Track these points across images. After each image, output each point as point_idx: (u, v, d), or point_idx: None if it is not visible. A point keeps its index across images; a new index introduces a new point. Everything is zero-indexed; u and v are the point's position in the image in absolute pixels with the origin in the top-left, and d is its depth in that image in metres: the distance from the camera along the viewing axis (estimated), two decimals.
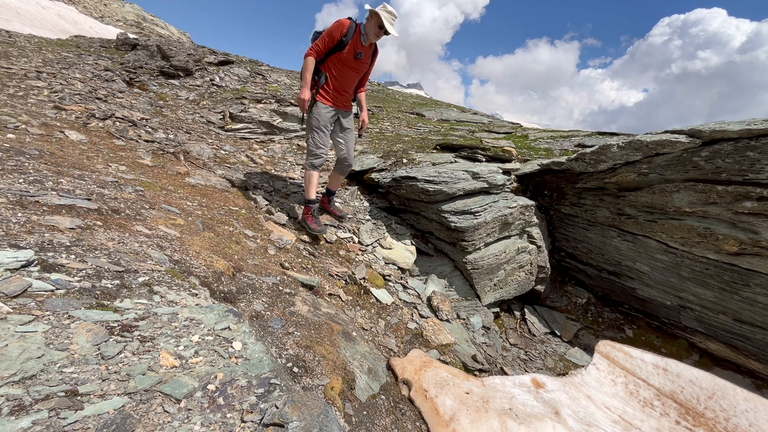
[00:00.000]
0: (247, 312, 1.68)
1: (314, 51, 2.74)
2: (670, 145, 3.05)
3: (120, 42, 8.49)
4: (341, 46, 2.72)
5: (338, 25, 2.69)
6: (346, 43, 2.71)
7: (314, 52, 2.75)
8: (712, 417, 2.29)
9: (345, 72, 2.87)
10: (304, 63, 2.76)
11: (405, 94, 13.96)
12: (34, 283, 1.16)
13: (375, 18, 2.65)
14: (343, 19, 2.70)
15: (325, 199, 3.46)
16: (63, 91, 4.48)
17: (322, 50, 2.75)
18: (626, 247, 3.92)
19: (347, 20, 2.70)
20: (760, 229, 2.83)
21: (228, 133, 5.32)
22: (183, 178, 3.21)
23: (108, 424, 0.85)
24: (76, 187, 2.11)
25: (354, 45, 2.75)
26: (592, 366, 2.68)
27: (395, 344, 2.42)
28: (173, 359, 1.11)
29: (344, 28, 2.68)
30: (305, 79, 2.76)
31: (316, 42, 2.74)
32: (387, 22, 2.62)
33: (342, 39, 2.69)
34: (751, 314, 3.18)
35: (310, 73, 2.76)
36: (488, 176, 3.71)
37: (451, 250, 3.75)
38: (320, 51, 2.75)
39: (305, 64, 2.76)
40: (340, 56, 2.78)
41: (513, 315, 4.10)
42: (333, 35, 2.69)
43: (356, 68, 2.90)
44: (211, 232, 2.37)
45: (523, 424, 1.86)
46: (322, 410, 1.20)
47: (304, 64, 2.76)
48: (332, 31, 2.69)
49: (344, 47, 2.73)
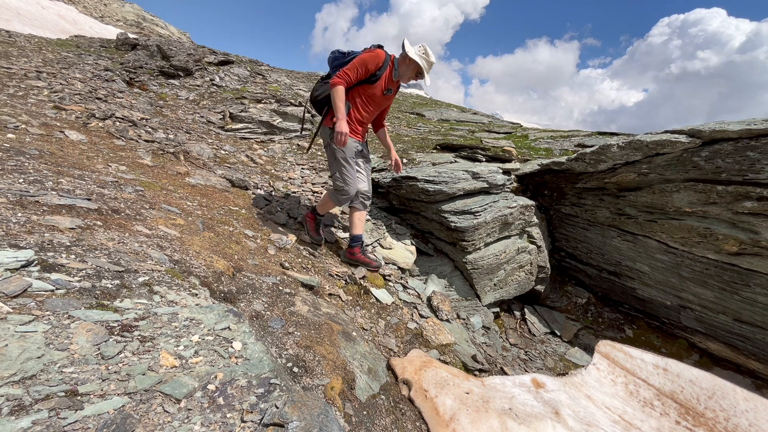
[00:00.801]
0: (247, 312, 1.68)
1: (344, 80, 2.44)
2: (670, 145, 3.05)
3: (120, 42, 8.50)
4: (372, 79, 2.51)
5: (374, 56, 2.46)
6: (378, 77, 2.50)
7: (344, 81, 2.44)
8: (712, 417, 2.29)
9: (370, 105, 2.68)
10: (335, 92, 2.43)
11: (405, 94, 13.96)
12: (34, 283, 1.16)
13: (415, 66, 2.49)
14: (378, 51, 2.48)
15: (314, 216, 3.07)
16: (63, 91, 4.48)
17: (352, 80, 2.47)
18: (626, 247, 3.92)
19: (382, 52, 2.49)
20: (760, 229, 2.83)
21: (228, 133, 5.32)
22: (183, 178, 3.21)
23: (108, 424, 0.85)
24: (76, 187, 2.11)
25: (385, 80, 2.56)
26: (592, 366, 2.68)
27: (395, 344, 2.42)
28: (173, 359, 1.11)
29: (379, 61, 2.47)
30: (340, 110, 2.44)
31: (346, 70, 2.44)
32: (426, 72, 2.48)
33: (375, 72, 2.48)
34: (751, 314, 3.18)
35: (344, 104, 2.46)
36: (488, 176, 3.71)
37: (451, 250, 3.75)
38: (350, 81, 2.47)
39: (337, 94, 2.43)
40: (368, 89, 2.57)
41: (513, 315, 4.10)
42: (368, 67, 2.46)
43: (381, 103, 2.72)
44: (211, 232, 2.37)
45: (523, 424, 1.86)
46: (322, 410, 1.20)
47: (336, 94, 2.43)
48: (367, 62, 2.45)
49: (375, 81, 2.52)
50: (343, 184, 2.68)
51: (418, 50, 2.48)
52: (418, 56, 2.46)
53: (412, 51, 2.47)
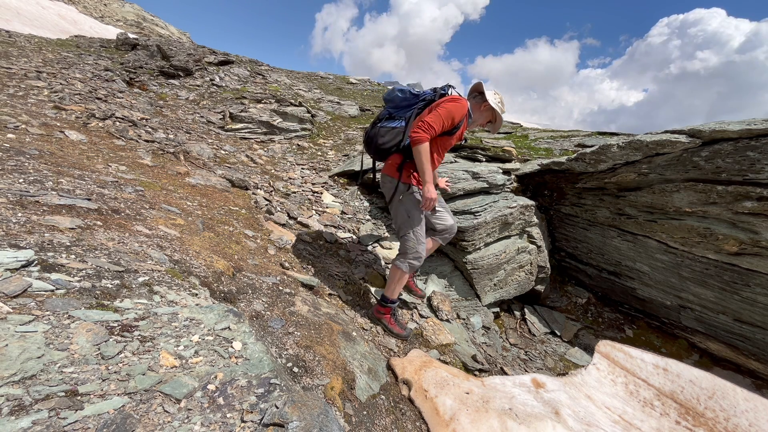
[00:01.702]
0: (247, 312, 1.68)
1: (429, 134, 2.10)
2: (670, 145, 3.05)
3: (120, 42, 8.50)
4: (453, 130, 2.25)
5: (460, 107, 2.19)
6: (459, 127, 2.26)
7: (429, 135, 2.10)
8: (712, 417, 2.29)
9: (443, 154, 2.44)
10: (422, 150, 2.08)
11: None
12: (34, 283, 1.16)
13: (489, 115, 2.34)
14: (462, 99, 2.23)
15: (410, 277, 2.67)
16: (63, 91, 4.48)
17: (436, 134, 2.15)
18: (626, 247, 3.92)
19: (466, 101, 2.23)
20: (760, 229, 2.83)
21: (228, 133, 5.32)
22: (183, 178, 3.21)
23: (108, 424, 0.85)
24: (76, 187, 2.11)
25: (463, 129, 2.34)
26: (592, 366, 2.68)
27: (395, 344, 2.42)
28: (173, 359, 1.11)
29: (464, 111, 2.22)
30: (428, 173, 2.13)
31: (431, 124, 2.09)
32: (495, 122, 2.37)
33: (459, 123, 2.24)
34: (751, 314, 3.18)
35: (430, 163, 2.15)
36: (488, 176, 3.71)
37: (451, 250, 3.75)
38: (434, 136, 2.15)
39: (424, 153, 2.08)
40: (446, 140, 2.31)
41: (513, 315, 4.10)
42: (454, 119, 2.17)
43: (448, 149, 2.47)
44: (211, 232, 2.37)
45: (523, 424, 1.86)
46: (322, 410, 1.20)
47: (423, 153, 2.08)
48: (454, 113, 2.16)
49: (455, 132, 2.27)
50: (417, 245, 2.38)
51: (494, 98, 2.30)
52: (498, 106, 2.28)
53: (494, 101, 2.28)
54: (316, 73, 13.22)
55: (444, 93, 2.28)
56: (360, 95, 11.07)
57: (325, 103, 8.31)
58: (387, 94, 2.43)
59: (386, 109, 2.42)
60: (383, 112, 2.43)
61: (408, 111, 2.33)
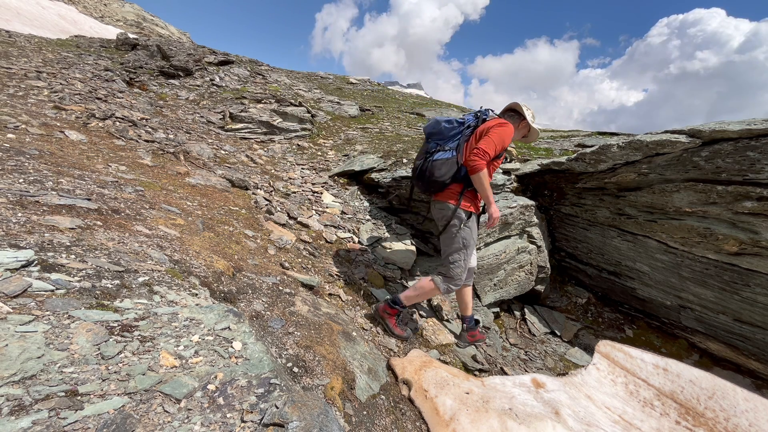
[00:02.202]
0: (247, 312, 1.68)
1: (485, 159, 2.20)
2: (670, 145, 3.05)
3: (120, 42, 8.50)
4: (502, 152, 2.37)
5: (510, 131, 2.30)
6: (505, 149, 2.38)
7: (485, 161, 2.21)
8: (712, 417, 2.29)
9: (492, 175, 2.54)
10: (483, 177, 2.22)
11: (405, 94, 13.96)
12: (34, 283, 1.16)
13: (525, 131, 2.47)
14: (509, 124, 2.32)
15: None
16: (63, 91, 4.48)
17: (491, 158, 2.24)
18: (626, 247, 3.92)
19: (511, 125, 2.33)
20: (760, 229, 2.83)
21: (228, 133, 5.32)
22: (183, 178, 3.21)
23: (108, 424, 0.85)
24: (76, 187, 2.11)
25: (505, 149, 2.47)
26: (592, 366, 2.68)
27: (395, 344, 2.42)
28: (173, 359, 1.11)
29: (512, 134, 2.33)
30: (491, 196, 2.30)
31: (486, 150, 2.19)
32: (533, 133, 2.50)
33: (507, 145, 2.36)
34: (751, 314, 3.18)
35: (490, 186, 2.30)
36: None
37: None
38: (489, 159, 2.24)
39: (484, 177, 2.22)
40: (495, 162, 2.42)
41: (513, 315, 4.10)
42: (504, 143, 2.28)
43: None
44: (211, 232, 2.37)
45: (523, 424, 1.86)
46: (322, 410, 1.20)
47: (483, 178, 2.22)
48: (505, 138, 2.26)
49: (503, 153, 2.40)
50: (460, 270, 2.44)
51: (531, 117, 2.46)
52: (536, 125, 2.46)
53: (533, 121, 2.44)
54: (316, 73, 13.23)
55: (485, 117, 2.38)
56: (360, 95, 11.07)
57: (325, 103, 8.32)
58: (431, 127, 2.47)
59: (432, 141, 2.46)
60: (430, 145, 2.46)
61: (454, 141, 2.40)
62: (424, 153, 2.48)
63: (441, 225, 2.48)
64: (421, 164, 2.46)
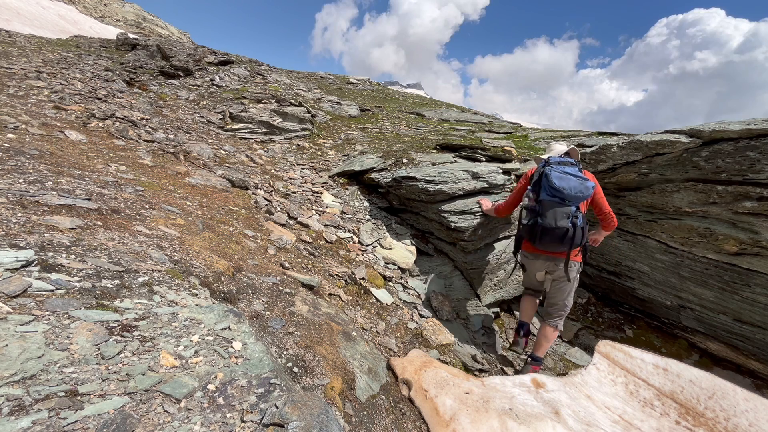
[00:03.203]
0: (247, 312, 1.68)
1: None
2: (670, 145, 3.05)
3: (120, 42, 8.49)
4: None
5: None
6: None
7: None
8: (712, 417, 2.29)
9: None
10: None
11: (405, 94, 13.96)
12: (34, 283, 1.16)
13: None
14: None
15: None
16: (63, 91, 4.48)
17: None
18: (626, 247, 3.92)
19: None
20: (760, 229, 2.83)
21: (228, 133, 5.32)
22: (183, 178, 3.21)
23: (108, 424, 0.85)
24: (76, 187, 2.11)
25: None
26: (592, 366, 2.68)
27: (395, 344, 2.42)
28: (173, 359, 1.11)
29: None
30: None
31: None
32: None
33: None
34: (751, 314, 3.18)
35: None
36: (488, 176, 3.71)
37: (451, 250, 3.75)
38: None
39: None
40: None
41: (513, 315, 4.10)
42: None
43: None
44: (211, 232, 2.37)
45: (523, 424, 1.86)
46: (322, 410, 1.20)
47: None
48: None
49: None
50: (571, 305, 2.91)
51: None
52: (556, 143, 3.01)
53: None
54: (316, 73, 13.22)
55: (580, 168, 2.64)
56: (360, 95, 11.07)
57: (325, 103, 8.31)
58: (575, 191, 2.47)
59: (572, 204, 2.51)
60: (571, 210, 2.51)
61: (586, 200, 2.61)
62: (571, 216, 2.52)
63: (569, 278, 2.75)
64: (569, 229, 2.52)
